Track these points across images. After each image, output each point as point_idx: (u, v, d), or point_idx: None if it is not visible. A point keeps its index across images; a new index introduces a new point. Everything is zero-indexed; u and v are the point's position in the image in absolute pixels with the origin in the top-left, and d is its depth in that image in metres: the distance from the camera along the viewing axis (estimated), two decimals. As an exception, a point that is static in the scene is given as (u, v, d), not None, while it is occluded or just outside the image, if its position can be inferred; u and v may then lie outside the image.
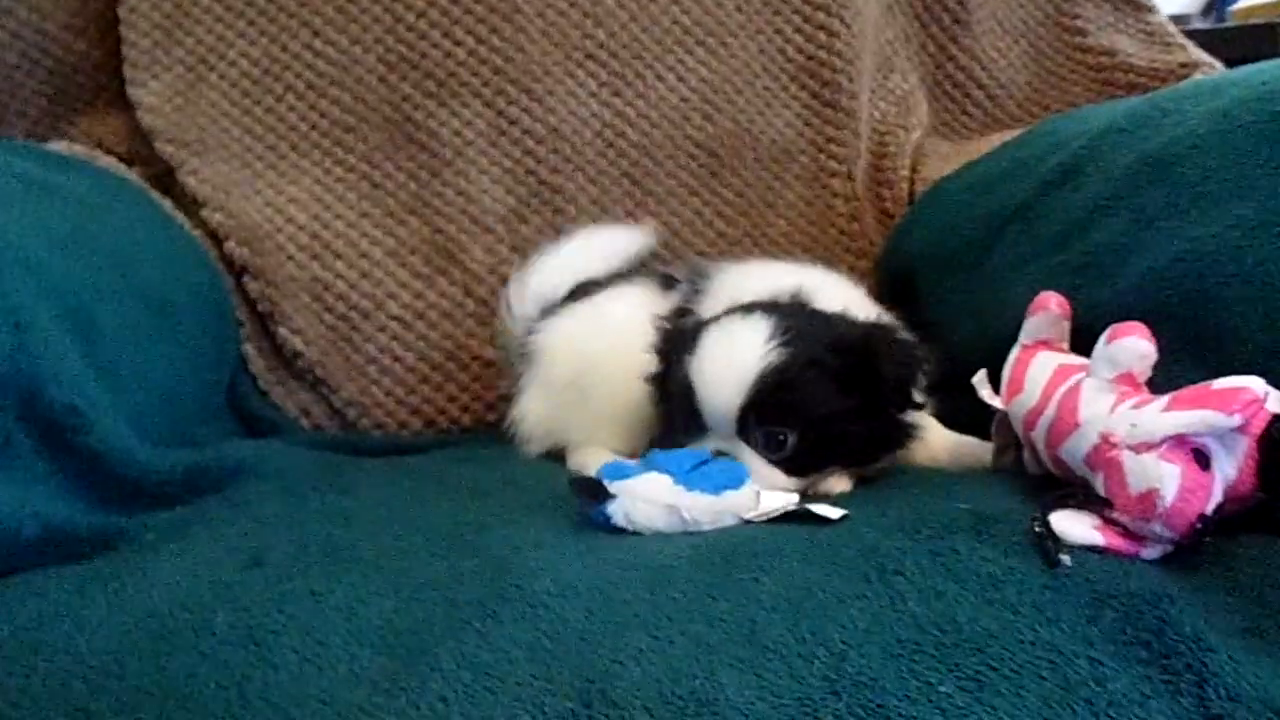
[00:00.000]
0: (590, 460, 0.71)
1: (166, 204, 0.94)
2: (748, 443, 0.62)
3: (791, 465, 0.62)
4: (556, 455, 0.80)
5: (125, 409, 0.67)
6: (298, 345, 0.92)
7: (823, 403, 0.61)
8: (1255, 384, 0.46)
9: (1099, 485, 0.49)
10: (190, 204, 0.95)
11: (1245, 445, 0.47)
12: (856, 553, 0.47)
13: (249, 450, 0.78)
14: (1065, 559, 0.44)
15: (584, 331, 0.81)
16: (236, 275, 0.93)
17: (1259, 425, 0.47)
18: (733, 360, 0.62)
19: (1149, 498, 0.45)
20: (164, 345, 0.77)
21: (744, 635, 0.42)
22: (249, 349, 0.93)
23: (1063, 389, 0.56)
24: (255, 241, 0.93)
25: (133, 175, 0.96)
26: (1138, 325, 0.54)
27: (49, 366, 0.58)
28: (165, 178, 0.97)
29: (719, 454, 0.61)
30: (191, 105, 0.98)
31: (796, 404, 0.61)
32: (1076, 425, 0.53)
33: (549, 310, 0.85)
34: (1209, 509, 0.45)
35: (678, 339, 0.67)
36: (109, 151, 1.00)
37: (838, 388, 0.62)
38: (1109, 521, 0.48)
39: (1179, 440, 0.46)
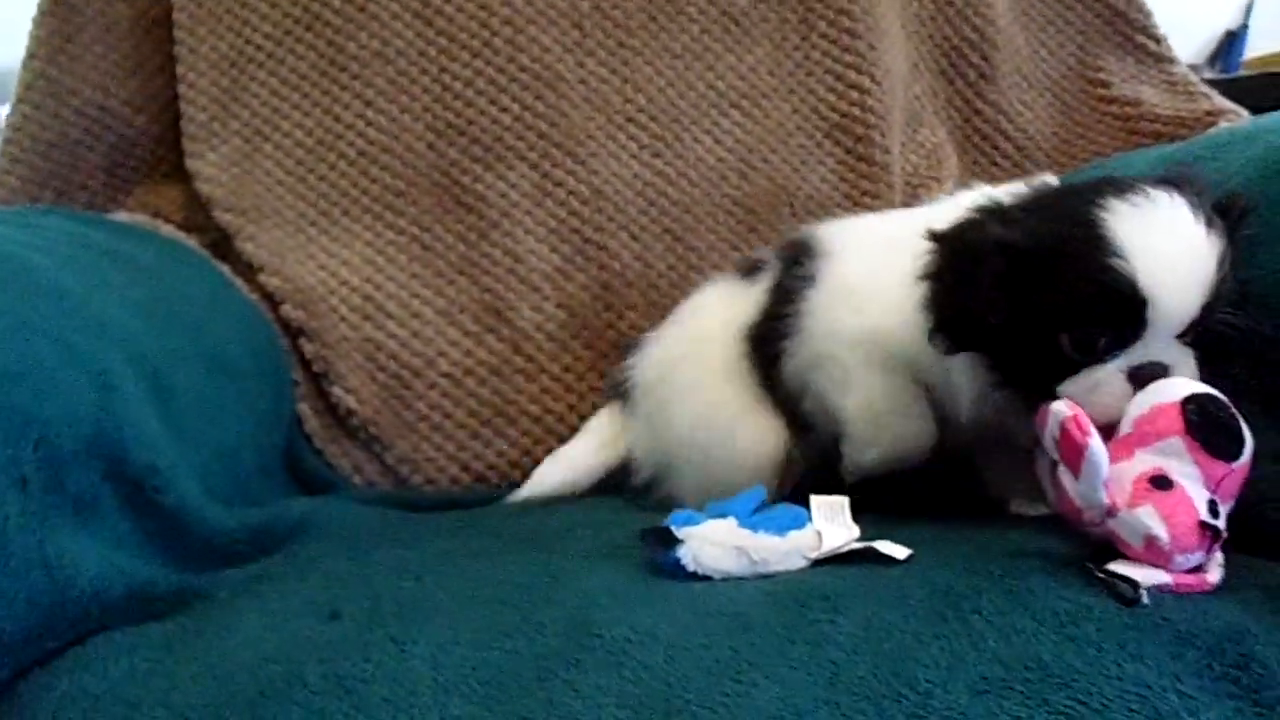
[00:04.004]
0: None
1: (225, 269, 0.97)
2: (1182, 342, 0.52)
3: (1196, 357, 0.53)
4: (608, 507, 0.81)
5: (195, 469, 0.69)
6: (351, 404, 0.95)
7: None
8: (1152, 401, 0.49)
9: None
10: (247, 269, 0.99)
11: (1179, 443, 0.48)
12: (929, 593, 0.48)
13: (309, 507, 0.79)
14: (1144, 596, 0.45)
15: (664, 347, 0.82)
16: (292, 337, 0.96)
17: (1165, 425, 0.48)
18: (1193, 255, 0.51)
19: (1153, 545, 0.47)
20: (229, 406, 0.79)
21: (826, 677, 0.43)
22: (304, 408, 0.95)
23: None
24: (310, 304, 0.96)
25: (192, 243, 1.00)
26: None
27: (132, 428, 0.61)
28: (221, 244, 1.01)
29: (1152, 369, 0.51)
30: (248, 175, 1.02)
31: (1231, 289, 0.53)
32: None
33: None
34: (1203, 514, 0.46)
35: (1062, 241, 0.52)
36: (166, 220, 1.03)
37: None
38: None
39: (1134, 483, 0.47)
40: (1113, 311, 0.51)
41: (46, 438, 0.53)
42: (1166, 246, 0.50)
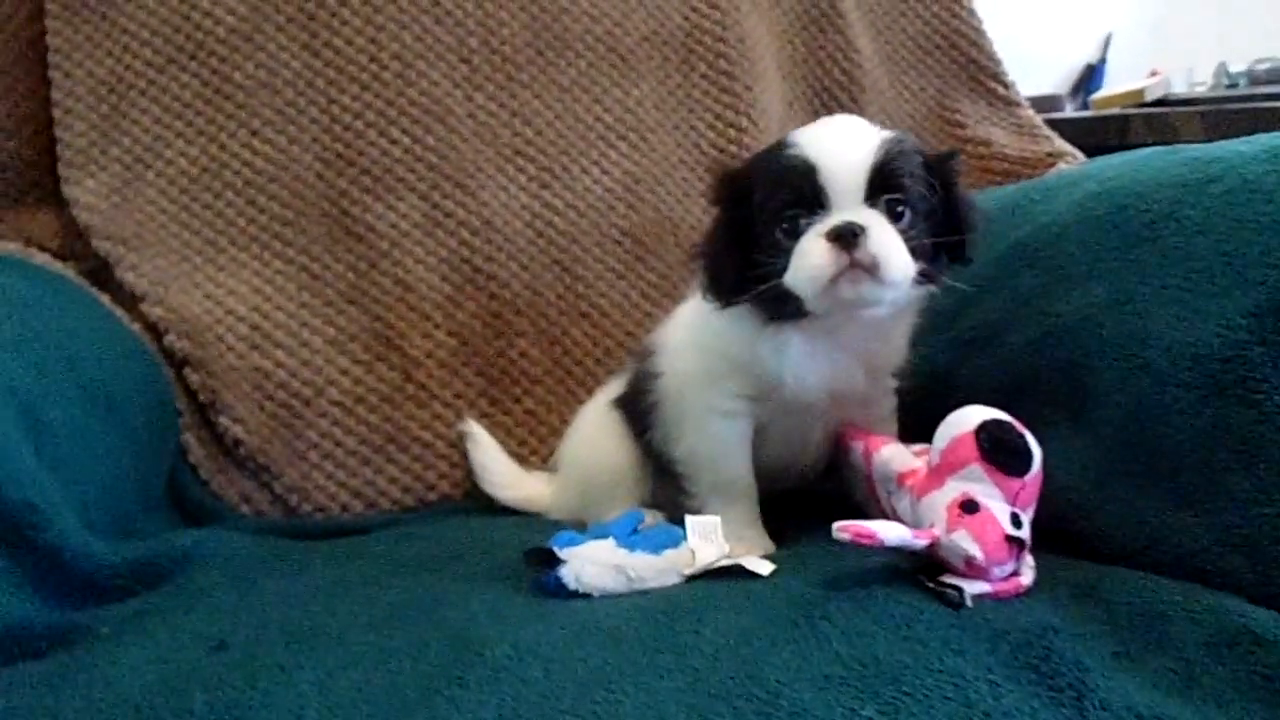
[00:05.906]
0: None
1: (104, 299, 0.96)
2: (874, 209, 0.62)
3: (908, 241, 0.62)
4: (499, 529, 0.84)
5: (74, 504, 0.68)
6: (239, 434, 0.94)
7: (925, 183, 0.65)
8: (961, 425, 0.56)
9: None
10: (128, 298, 0.97)
11: (978, 469, 0.55)
12: (786, 602, 0.53)
13: (195, 539, 0.79)
14: (968, 600, 0.51)
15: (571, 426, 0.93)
16: (177, 367, 0.95)
17: (964, 454, 0.55)
18: (854, 134, 0.64)
19: (972, 563, 0.53)
20: (108, 439, 0.78)
21: (689, 683, 0.47)
22: (189, 439, 0.94)
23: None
24: (196, 334, 0.96)
25: (69, 271, 0.98)
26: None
27: (6, 466, 0.60)
28: (100, 273, 0.99)
29: (847, 225, 0.60)
30: (129, 203, 1.00)
31: (914, 176, 0.63)
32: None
33: None
34: (1008, 528, 0.53)
35: (760, 157, 0.68)
36: (41, 248, 1.01)
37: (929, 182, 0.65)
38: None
39: (948, 510, 0.54)
40: (795, 185, 0.62)
41: (-82, 479, 0.52)
42: (829, 134, 0.65)
